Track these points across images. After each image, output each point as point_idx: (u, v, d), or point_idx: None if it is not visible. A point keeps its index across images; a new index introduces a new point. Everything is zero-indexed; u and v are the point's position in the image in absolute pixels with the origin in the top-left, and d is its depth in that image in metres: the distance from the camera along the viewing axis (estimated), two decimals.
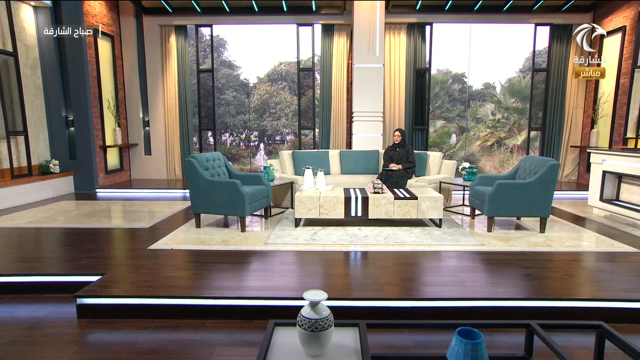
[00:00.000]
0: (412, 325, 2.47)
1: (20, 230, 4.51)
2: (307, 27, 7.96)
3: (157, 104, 8.37)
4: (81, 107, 7.05)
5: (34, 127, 6.77)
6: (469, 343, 1.55)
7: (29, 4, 6.75)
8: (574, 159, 7.95)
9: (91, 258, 3.49)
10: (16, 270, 3.21)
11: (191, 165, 4.37)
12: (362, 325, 1.71)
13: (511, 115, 12.91)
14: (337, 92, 7.94)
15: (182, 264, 3.36)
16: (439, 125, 13.14)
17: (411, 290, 2.88)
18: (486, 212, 4.31)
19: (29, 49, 6.75)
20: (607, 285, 2.95)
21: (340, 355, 1.55)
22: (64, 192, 6.98)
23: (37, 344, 2.38)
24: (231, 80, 14.07)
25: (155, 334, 2.51)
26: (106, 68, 7.72)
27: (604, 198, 5.14)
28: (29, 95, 6.67)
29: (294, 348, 1.57)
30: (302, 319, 1.50)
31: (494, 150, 12.75)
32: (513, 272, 3.21)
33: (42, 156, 6.97)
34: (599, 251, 3.75)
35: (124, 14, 8.05)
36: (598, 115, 7.28)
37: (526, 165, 4.67)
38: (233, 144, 13.96)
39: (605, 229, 4.59)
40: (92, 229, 4.55)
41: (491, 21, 7.80)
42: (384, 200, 4.45)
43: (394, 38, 7.74)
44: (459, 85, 13.88)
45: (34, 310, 2.84)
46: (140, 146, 8.46)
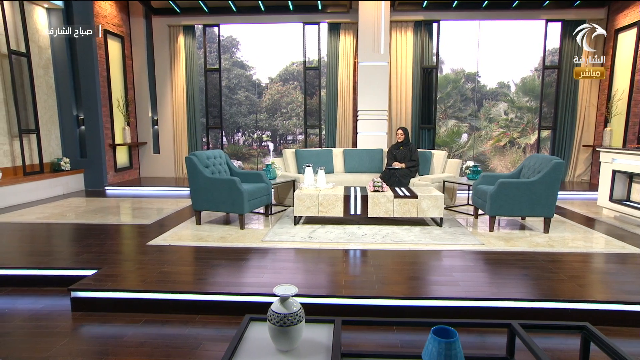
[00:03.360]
0: (388, 323, 2.43)
1: (27, 226, 4.63)
2: (313, 25, 7.96)
3: (166, 103, 8.49)
4: (91, 106, 7.21)
5: (46, 126, 6.96)
6: (443, 342, 1.52)
7: (42, 5, 6.94)
8: (587, 158, 7.73)
9: (90, 253, 3.56)
10: (19, 263, 3.30)
11: (191, 163, 4.41)
12: (337, 322, 1.69)
13: (524, 115, 12.64)
14: (343, 91, 7.91)
15: (177, 260, 3.40)
16: (450, 125, 12.96)
17: (402, 289, 2.84)
18: (488, 211, 4.23)
19: (42, 50, 6.94)
20: (608, 286, 2.86)
21: (311, 351, 1.54)
22: (74, 189, 7.15)
23: (30, 335, 2.44)
24: (243, 81, 14.17)
25: (144, 328, 2.54)
26: (116, 68, 7.88)
27: (614, 198, 4.98)
28: (41, 95, 6.85)
29: (265, 343, 1.57)
30: (271, 314, 1.49)
31: (506, 150, 12.50)
32: (510, 273, 3.13)
33: (53, 154, 7.16)
34: (603, 252, 3.63)
35: (133, 14, 8.20)
36: (612, 113, 7.07)
37: (531, 163, 4.56)
38: (245, 143, 14.06)
39: (613, 230, 4.44)
40: (96, 224, 4.65)
41: (500, 18, 7.65)
42: (384, 199, 4.41)
43: (400, 36, 7.67)
44: (471, 84, 13.66)
45: (32, 303, 2.91)
46: (149, 145, 8.60)
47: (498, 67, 13.64)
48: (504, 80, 13.60)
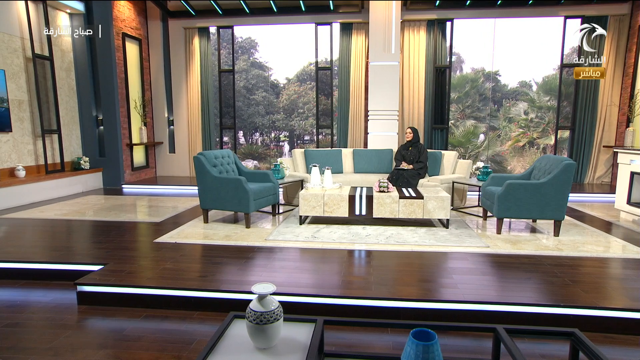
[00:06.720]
0: (373, 324, 2.43)
1: (46, 222, 4.84)
2: (325, 26, 7.98)
3: (181, 104, 8.69)
4: (109, 107, 7.45)
5: (67, 126, 7.24)
6: (420, 344, 1.51)
7: (65, 11, 7.22)
8: (607, 159, 7.45)
9: (100, 249, 3.69)
10: (33, 258, 3.45)
11: (199, 162, 4.51)
12: (319, 322, 1.71)
13: (545, 115, 12.27)
14: (355, 91, 7.89)
15: (181, 257, 3.48)
16: (468, 125, 12.72)
17: (399, 290, 2.82)
18: (495, 213, 4.15)
19: (64, 53, 7.23)
20: (615, 293, 2.76)
21: (289, 349, 1.56)
22: (92, 187, 7.41)
23: (37, 326, 2.56)
24: (261, 81, 14.31)
25: (143, 323, 2.62)
26: (134, 70, 8.12)
27: (632, 201, 4.79)
28: (63, 97, 7.13)
29: (245, 340, 1.60)
30: (249, 312, 1.52)
31: (525, 150, 12.18)
32: (512, 276, 3.07)
33: (74, 153, 7.44)
34: (614, 257, 3.50)
35: (151, 18, 8.42)
36: (634, 112, 6.78)
37: (541, 165, 4.44)
38: (262, 143, 14.21)
39: (629, 234, 4.28)
40: (109, 222, 4.81)
41: (516, 15, 7.46)
42: (389, 200, 4.39)
43: (413, 35, 7.59)
44: (491, 83, 13.36)
45: (42, 295, 3.05)
46: (165, 144, 8.82)
47: (519, 65, 13.30)
48: (525, 80, 13.25)
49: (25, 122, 6.40)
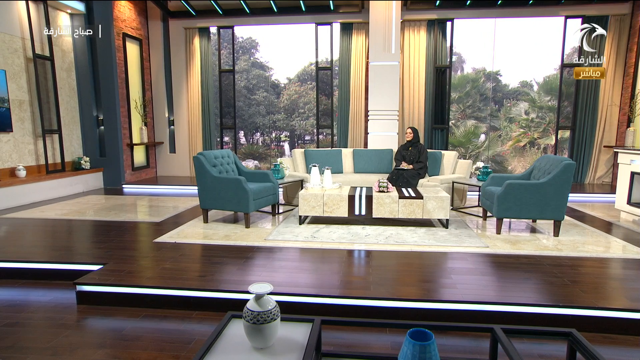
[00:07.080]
0: (371, 324, 2.42)
1: (46, 222, 4.85)
2: (325, 26, 7.98)
3: (182, 104, 8.70)
4: (110, 107, 7.47)
5: (68, 126, 7.25)
6: (417, 344, 1.51)
7: (65, 11, 7.24)
8: (608, 159, 7.44)
9: (99, 249, 3.70)
10: (34, 257, 3.46)
11: (199, 162, 4.51)
12: (316, 322, 1.71)
13: (546, 115, 12.25)
14: (356, 91, 7.90)
15: (180, 257, 3.48)
16: (469, 125, 12.70)
17: (398, 290, 2.82)
18: (495, 213, 4.14)
19: (65, 54, 7.24)
20: (614, 293, 2.76)
21: (286, 349, 1.56)
22: (93, 187, 7.42)
23: (36, 325, 2.57)
24: (262, 81, 14.31)
25: (142, 322, 2.62)
26: (134, 70, 8.13)
27: (632, 201, 4.78)
28: (64, 97, 7.15)
29: (242, 340, 1.60)
30: (246, 312, 1.52)
31: (526, 150, 12.16)
32: (511, 276, 3.06)
33: (75, 153, 7.45)
34: (613, 257, 3.50)
35: (151, 17, 8.43)
36: (635, 112, 6.77)
37: (541, 165, 4.43)
38: (263, 143, 14.21)
39: (629, 234, 4.27)
40: (109, 221, 4.82)
41: (517, 15, 7.45)
42: (389, 200, 4.39)
43: (413, 35, 7.59)
44: (492, 83, 13.34)
45: (42, 295, 3.05)
46: (166, 144, 8.83)
47: (520, 65, 13.27)
48: (526, 79, 13.22)
49: (26, 122, 6.41)
